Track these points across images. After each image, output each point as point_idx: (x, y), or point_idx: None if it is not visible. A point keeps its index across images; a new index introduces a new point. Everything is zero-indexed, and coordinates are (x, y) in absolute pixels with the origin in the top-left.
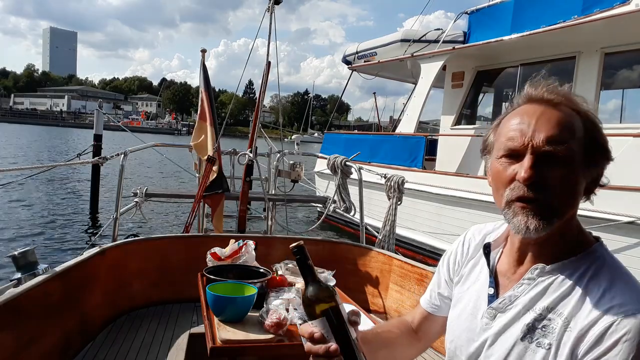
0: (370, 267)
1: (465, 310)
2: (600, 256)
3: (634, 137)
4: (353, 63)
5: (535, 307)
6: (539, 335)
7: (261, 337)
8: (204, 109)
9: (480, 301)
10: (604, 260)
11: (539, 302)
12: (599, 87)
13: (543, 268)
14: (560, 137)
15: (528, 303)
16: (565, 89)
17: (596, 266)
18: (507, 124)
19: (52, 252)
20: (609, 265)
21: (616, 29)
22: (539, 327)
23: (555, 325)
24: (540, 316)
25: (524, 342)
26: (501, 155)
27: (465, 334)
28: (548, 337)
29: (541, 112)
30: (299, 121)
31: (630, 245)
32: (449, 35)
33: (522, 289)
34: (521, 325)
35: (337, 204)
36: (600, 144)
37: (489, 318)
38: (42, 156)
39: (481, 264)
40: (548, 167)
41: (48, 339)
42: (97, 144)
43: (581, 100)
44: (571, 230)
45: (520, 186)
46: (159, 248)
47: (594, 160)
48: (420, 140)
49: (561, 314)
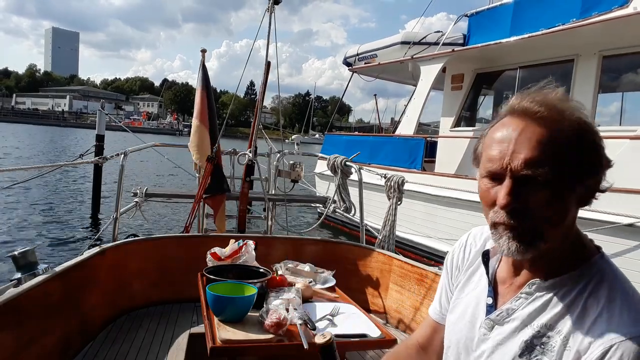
0: (370, 267)
1: (464, 318)
2: (600, 270)
3: (630, 140)
4: (354, 65)
5: (533, 324)
6: (537, 353)
7: (261, 337)
8: (199, 108)
9: (478, 310)
10: (604, 274)
11: (538, 318)
12: (597, 90)
13: (541, 283)
14: (539, 158)
15: (526, 318)
16: (558, 94)
17: (595, 281)
18: (490, 139)
19: (52, 252)
20: (609, 280)
21: (614, 32)
22: (538, 345)
23: (555, 344)
24: (539, 333)
25: (522, 358)
26: (483, 176)
27: (463, 342)
28: (547, 354)
29: (522, 129)
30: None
31: (630, 247)
32: (449, 37)
33: (520, 303)
34: (519, 341)
35: (337, 204)
36: (594, 153)
37: (487, 329)
38: (50, 157)
39: (480, 271)
40: (528, 191)
41: (48, 339)
42: (99, 144)
43: (574, 107)
44: (568, 241)
45: (500, 212)
46: (159, 248)
47: (587, 171)
48: (419, 142)
49: (560, 332)
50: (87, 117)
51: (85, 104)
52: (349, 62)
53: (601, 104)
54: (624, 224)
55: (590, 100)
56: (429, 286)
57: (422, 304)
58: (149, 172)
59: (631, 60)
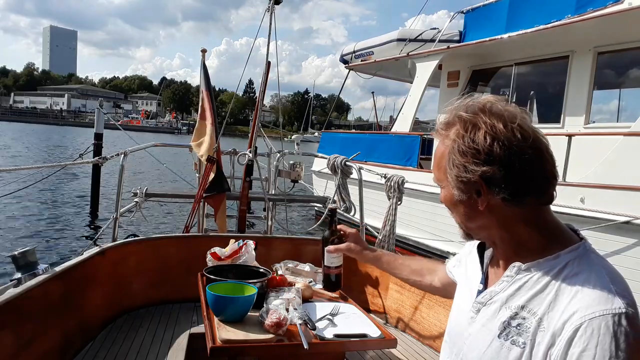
0: (370, 267)
1: (459, 305)
2: (578, 256)
3: (624, 136)
4: (350, 62)
5: (510, 305)
6: (514, 334)
7: (261, 337)
8: (205, 108)
9: (471, 295)
10: (582, 259)
11: (513, 299)
12: (591, 86)
13: (520, 266)
14: (437, 176)
15: (505, 300)
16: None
17: (572, 265)
18: None
19: (52, 252)
20: (586, 264)
21: (609, 28)
22: (514, 326)
23: (530, 325)
24: (515, 314)
25: (500, 339)
26: None
27: (456, 328)
28: (522, 335)
29: (435, 149)
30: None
31: (627, 245)
32: (445, 34)
33: (502, 286)
34: (498, 322)
35: (337, 204)
36: (466, 152)
37: (474, 312)
38: (52, 157)
39: (477, 262)
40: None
41: (48, 339)
42: (98, 143)
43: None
44: (526, 232)
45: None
46: (159, 248)
47: (496, 173)
48: (415, 139)
49: (534, 313)
50: (86, 115)
51: (84, 103)
52: (345, 60)
53: (600, 101)
54: (621, 222)
55: (585, 96)
56: None
57: (422, 304)
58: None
59: (626, 56)
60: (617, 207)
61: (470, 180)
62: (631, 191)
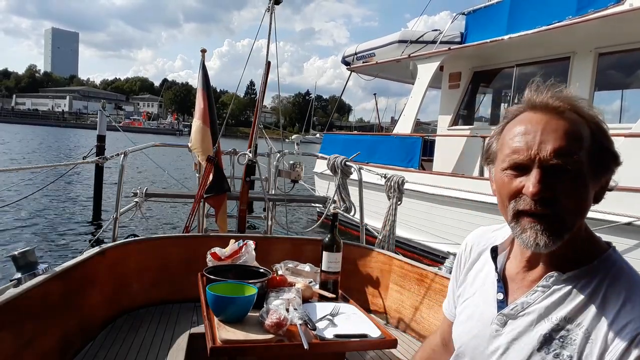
0: (370, 267)
1: (473, 317)
2: (615, 263)
3: (625, 137)
4: (352, 64)
5: (551, 317)
6: (556, 347)
7: (261, 337)
8: (201, 108)
9: (487, 307)
10: (620, 267)
11: (555, 311)
12: (593, 87)
13: (559, 276)
14: (568, 148)
15: (543, 312)
16: (570, 92)
17: (612, 274)
18: (510, 134)
19: (52, 252)
20: (626, 272)
21: (610, 29)
22: (557, 338)
23: (575, 337)
24: (558, 326)
25: (541, 352)
26: (506, 168)
27: (474, 341)
28: (567, 348)
29: (546, 121)
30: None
31: (629, 247)
32: (447, 36)
33: (536, 296)
34: (537, 334)
35: (337, 204)
36: (609, 150)
37: (499, 325)
38: (60, 158)
39: (487, 268)
40: (557, 181)
41: (48, 339)
42: (100, 145)
43: (587, 105)
44: (580, 236)
45: (528, 200)
46: (159, 248)
47: (603, 167)
48: (416, 141)
49: (581, 325)
50: (87, 117)
51: (85, 104)
52: (347, 61)
53: (602, 101)
54: (623, 223)
55: (586, 97)
56: (428, 286)
57: (422, 304)
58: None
59: (628, 57)
60: (618, 208)
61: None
62: (633, 192)
